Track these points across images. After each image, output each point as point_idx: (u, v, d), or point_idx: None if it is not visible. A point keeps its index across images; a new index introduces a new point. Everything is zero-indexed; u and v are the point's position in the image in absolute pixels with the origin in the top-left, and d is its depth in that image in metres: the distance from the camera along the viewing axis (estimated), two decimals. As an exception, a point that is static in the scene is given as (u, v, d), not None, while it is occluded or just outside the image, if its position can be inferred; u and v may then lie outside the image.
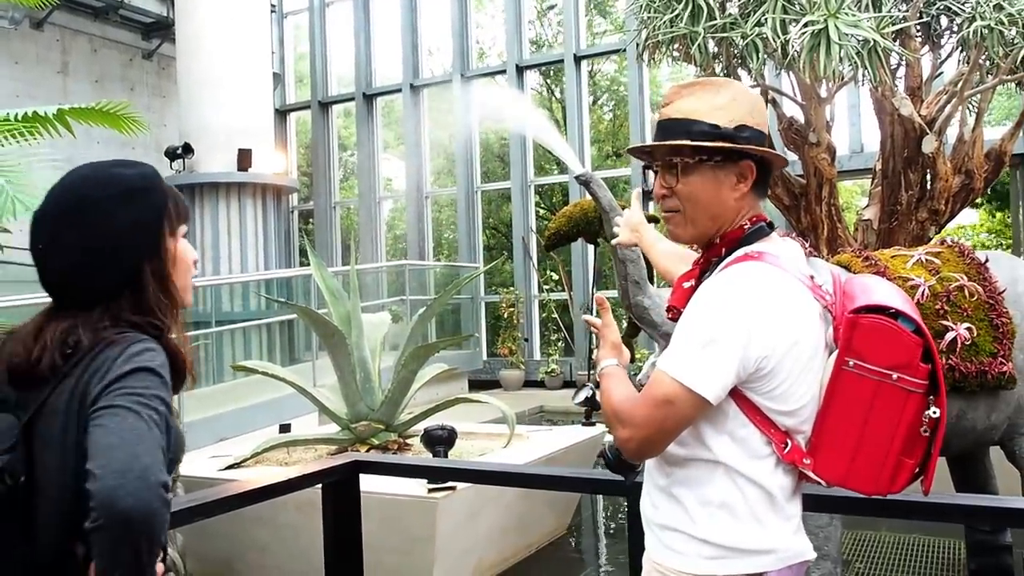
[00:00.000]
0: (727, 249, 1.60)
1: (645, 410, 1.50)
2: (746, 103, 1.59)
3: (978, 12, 6.25)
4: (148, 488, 1.18)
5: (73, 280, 1.40)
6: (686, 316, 1.54)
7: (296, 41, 17.57)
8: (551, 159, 16.59)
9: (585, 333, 13.38)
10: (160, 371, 1.33)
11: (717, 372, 1.46)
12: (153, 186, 1.46)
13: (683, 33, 6.53)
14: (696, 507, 1.55)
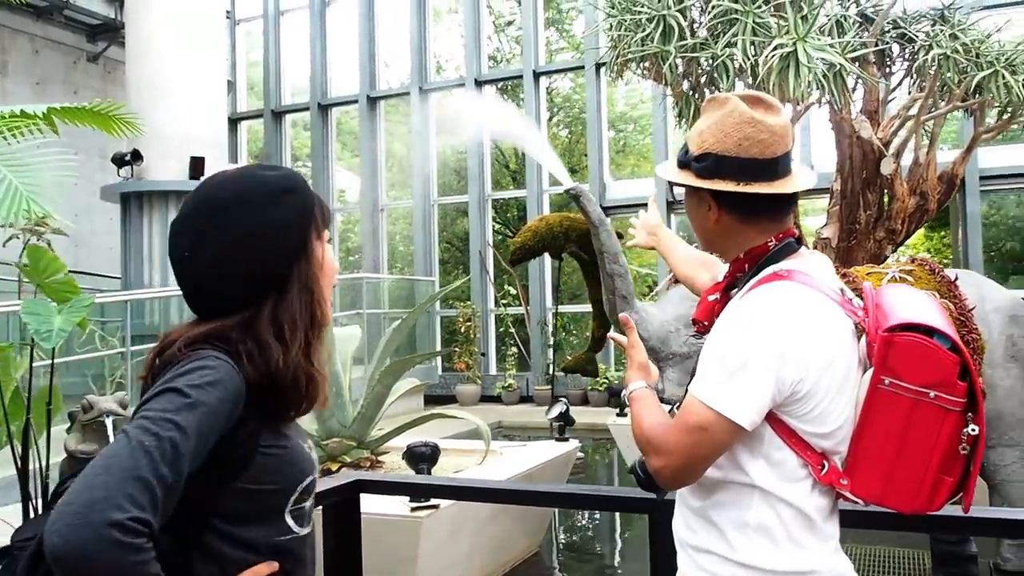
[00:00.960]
0: (750, 265, 1.60)
1: (677, 437, 1.49)
2: (725, 126, 1.57)
3: (935, 40, 6.47)
4: (84, 526, 1.01)
5: (215, 284, 1.32)
6: (715, 339, 1.54)
7: (248, 48, 17.32)
8: (508, 174, 16.63)
9: (542, 348, 13.41)
10: (188, 390, 1.17)
11: (751, 397, 1.45)
12: (302, 186, 1.40)
13: (654, 52, 6.60)
14: (733, 530, 1.54)
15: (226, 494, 1.25)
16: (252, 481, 1.27)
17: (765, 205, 1.59)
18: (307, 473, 1.36)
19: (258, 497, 1.29)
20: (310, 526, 1.40)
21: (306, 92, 16.06)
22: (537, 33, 14.21)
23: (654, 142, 13.26)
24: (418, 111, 14.75)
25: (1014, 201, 12.79)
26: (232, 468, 1.25)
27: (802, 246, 1.63)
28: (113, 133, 3.24)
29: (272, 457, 1.29)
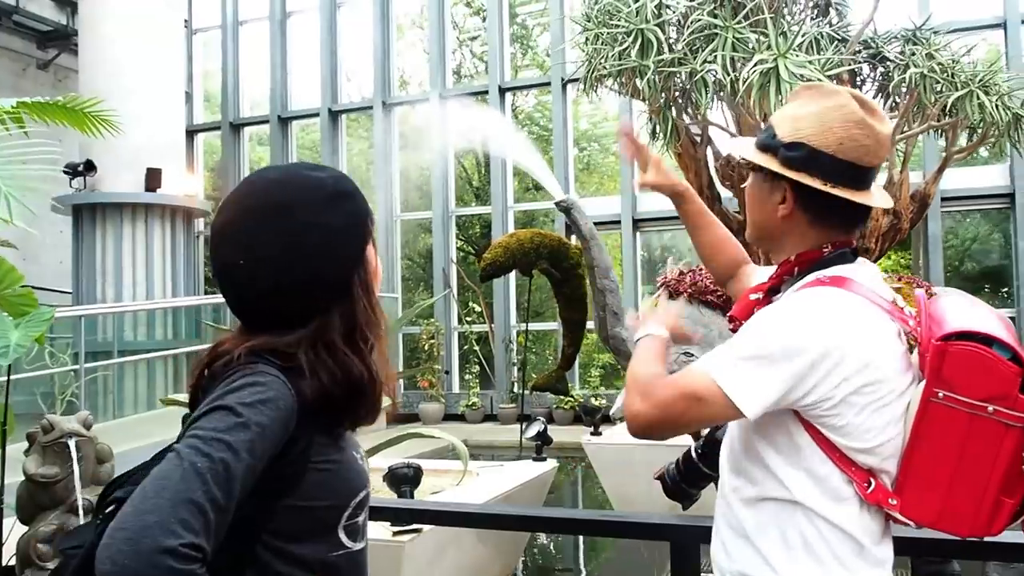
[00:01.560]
0: (800, 270, 1.50)
1: (670, 393, 1.42)
2: (829, 120, 1.45)
3: (911, 60, 6.51)
4: (136, 553, 0.98)
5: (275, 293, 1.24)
6: (747, 325, 1.46)
7: (205, 59, 16.98)
8: (471, 190, 16.50)
9: (506, 366, 13.24)
10: (241, 409, 1.11)
11: (761, 389, 1.36)
12: (356, 190, 1.33)
13: (631, 67, 6.54)
14: (776, 553, 1.43)
15: (278, 512, 1.20)
16: (304, 498, 1.22)
17: (843, 212, 1.48)
18: (360, 488, 1.31)
19: (310, 514, 1.24)
20: (364, 541, 1.35)
21: (265, 105, 15.77)
22: (503, 48, 14.15)
23: (621, 159, 13.23)
24: (381, 125, 14.56)
25: (972, 222, 13.02)
26: (283, 485, 1.20)
27: (857, 258, 1.51)
28: (87, 131, 3.02)
29: (324, 473, 1.24)
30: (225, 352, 1.22)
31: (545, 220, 14.68)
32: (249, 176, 1.32)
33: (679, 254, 14.74)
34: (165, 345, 11.30)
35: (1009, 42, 11.15)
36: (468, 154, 16.11)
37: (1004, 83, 6.61)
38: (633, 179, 13.18)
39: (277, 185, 1.28)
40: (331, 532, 1.28)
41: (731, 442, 1.57)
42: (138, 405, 10.79)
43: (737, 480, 1.52)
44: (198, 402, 1.21)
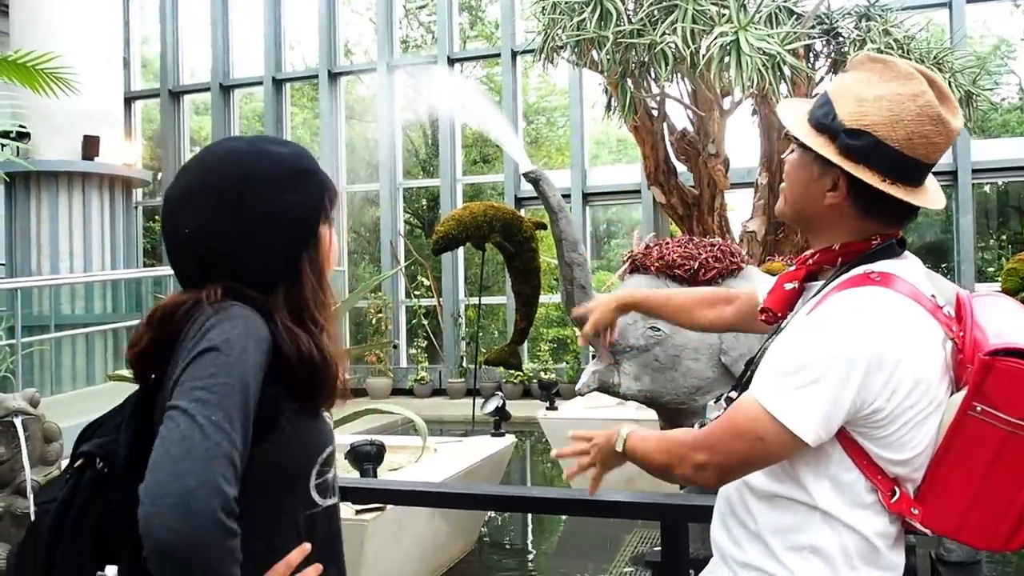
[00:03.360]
0: (844, 260, 1.40)
1: (728, 439, 1.34)
2: (901, 112, 1.31)
3: (868, 36, 6.56)
4: (190, 516, 1.01)
5: (223, 269, 1.23)
6: (792, 341, 1.35)
7: (143, 24, 16.36)
8: (418, 163, 16.28)
9: (455, 340, 13.16)
10: (225, 347, 1.12)
11: (821, 413, 1.28)
12: (316, 167, 1.34)
13: (590, 37, 6.46)
14: (787, 552, 1.39)
15: (253, 464, 1.17)
16: (275, 450, 1.23)
17: (896, 209, 1.37)
18: (326, 444, 1.32)
19: (282, 469, 1.25)
20: (335, 497, 1.37)
21: (206, 72, 15.27)
22: (451, 18, 13.91)
23: (571, 132, 13.17)
24: (327, 95, 14.23)
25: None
26: (258, 431, 1.18)
27: (904, 249, 1.43)
28: (37, 90, 2.81)
29: (293, 426, 1.25)
30: (182, 302, 1.21)
31: (493, 193, 14.57)
32: (211, 145, 1.32)
33: (625, 229, 14.81)
34: (104, 318, 10.94)
35: (954, 21, 11.36)
36: (416, 126, 15.88)
37: (956, 61, 6.72)
38: (583, 152, 13.15)
39: (236, 158, 1.27)
40: (303, 488, 1.28)
41: None
42: (77, 380, 10.45)
43: (757, 473, 1.46)
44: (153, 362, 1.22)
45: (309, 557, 1.27)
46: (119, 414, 1.29)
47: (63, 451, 3.86)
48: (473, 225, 7.44)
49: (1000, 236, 12.52)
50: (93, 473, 1.24)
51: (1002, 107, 13.19)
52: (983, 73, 7.39)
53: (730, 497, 1.51)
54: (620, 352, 4.08)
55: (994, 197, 12.94)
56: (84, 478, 1.24)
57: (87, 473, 1.24)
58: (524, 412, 8.42)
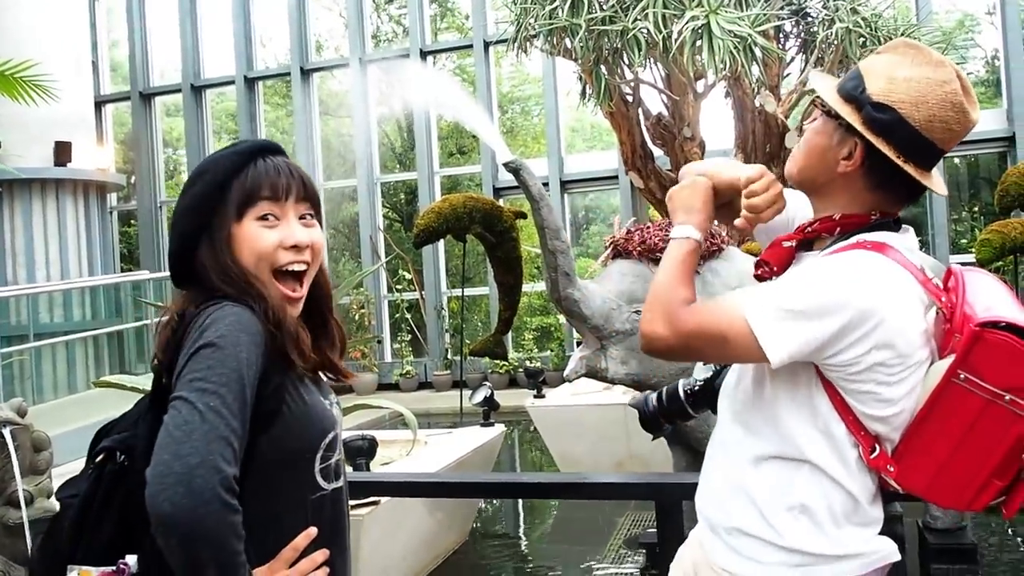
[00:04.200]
0: (842, 231, 1.47)
1: (695, 325, 1.43)
2: (927, 94, 1.38)
3: (837, 15, 6.62)
4: (191, 492, 1.09)
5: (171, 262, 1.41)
6: (792, 276, 1.44)
7: (111, 27, 16.17)
8: (394, 157, 16.23)
9: (439, 333, 13.17)
10: (220, 341, 1.22)
11: (793, 340, 1.36)
12: (212, 167, 1.41)
13: (563, 25, 6.48)
14: (776, 511, 1.45)
15: (260, 452, 1.27)
16: (279, 437, 1.30)
17: (902, 188, 1.45)
18: (329, 429, 1.38)
19: (289, 454, 1.32)
20: (341, 480, 1.43)
21: (177, 73, 15.13)
22: (422, 11, 13.86)
23: (547, 120, 13.17)
24: (300, 92, 14.15)
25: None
26: (261, 422, 1.27)
27: (899, 228, 1.49)
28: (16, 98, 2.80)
29: (296, 413, 1.32)
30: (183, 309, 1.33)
31: (471, 184, 14.56)
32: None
33: (603, 215, 14.85)
34: (84, 325, 10.85)
35: (919, -2, 11.47)
36: (391, 120, 15.82)
37: (923, 37, 6.80)
38: (559, 140, 13.15)
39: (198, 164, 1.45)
40: (309, 472, 1.35)
41: (739, 395, 1.55)
42: (58, 389, 10.37)
43: (742, 434, 1.52)
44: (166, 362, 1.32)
45: (315, 540, 1.33)
46: (135, 412, 1.39)
47: (52, 460, 3.84)
48: (453, 217, 7.46)
49: (972, 208, 12.68)
50: (114, 467, 1.31)
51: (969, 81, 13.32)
52: (950, 48, 7.49)
53: (719, 464, 1.57)
54: (607, 337, 4.11)
55: (964, 170, 13.10)
56: (105, 472, 1.31)
57: (108, 467, 1.31)
58: (511, 401, 8.45)
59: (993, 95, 12.87)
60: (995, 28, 12.36)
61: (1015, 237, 6.85)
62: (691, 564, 1.62)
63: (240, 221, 1.38)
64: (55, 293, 10.70)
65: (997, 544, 5.23)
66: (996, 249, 6.86)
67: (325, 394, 1.44)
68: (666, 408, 1.86)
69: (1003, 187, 7.44)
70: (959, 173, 13.05)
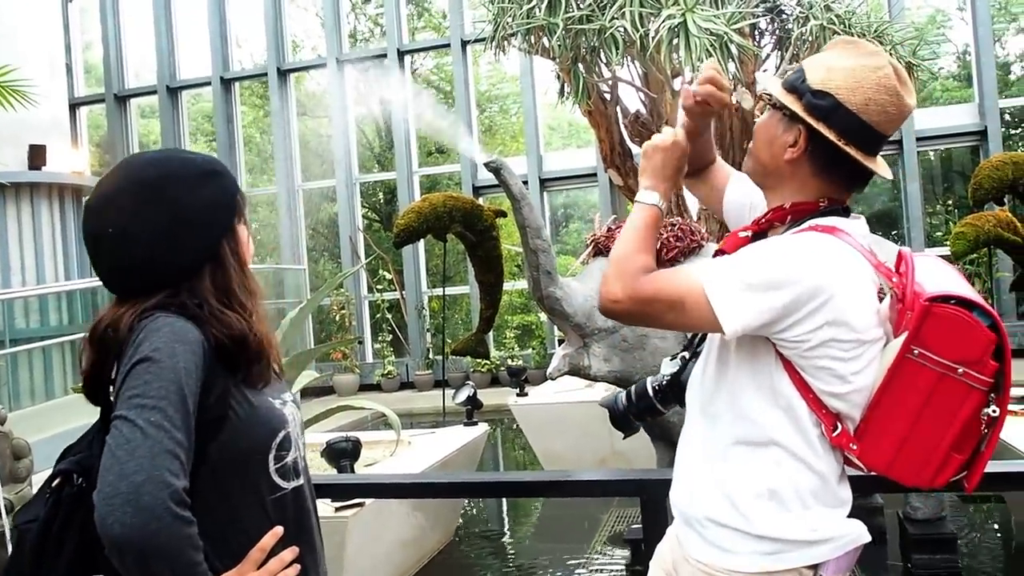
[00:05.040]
0: (793, 219, 1.52)
1: (653, 291, 1.46)
2: (862, 79, 1.46)
3: (811, 12, 6.67)
4: (140, 510, 1.09)
5: (152, 261, 1.32)
6: (745, 253, 1.47)
7: (84, 28, 16.01)
8: (373, 157, 16.18)
9: (420, 332, 13.15)
10: (158, 356, 1.20)
11: (748, 311, 1.40)
12: (225, 170, 1.44)
13: (540, 24, 6.48)
14: (745, 498, 1.48)
15: (212, 458, 1.27)
16: (228, 442, 1.29)
17: (846, 172, 1.51)
18: (278, 429, 1.36)
19: (240, 457, 1.31)
20: (300, 479, 1.41)
21: (152, 74, 15.02)
22: (399, 10, 13.83)
23: (525, 119, 13.18)
24: (277, 93, 14.08)
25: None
26: (209, 429, 1.26)
27: (848, 216, 1.54)
28: (-8, 104, 2.76)
29: (241, 418, 1.31)
30: (115, 321, 1.28)
31: (450, 183, 14.55)
32: (128, 156, 1.43)
33: (581, 213, 14.89)
34: (61, 331, 10.73)
35: (892, -6, 11.59)
36: (369, 120, 15.78)
37: (896, 33, 6.87)
38: (538, 138, 13.17)
39: (151, 165, 1.37)
40: (264, 472, 1.33)
41: (704, 384, 1.58)
42: (35, 395, 10.26)
43: (709, 425, 1.55)
44: (101, 379, 1.30)
45: (282, 539, 1.33)
46: (90, 433, 1.36)
47: (33, 467, 3.82)
48: (433, 216, 7.47)
49: (946, 201, 12.82)
50: (71, 489, 1.30)
51: (941, 75, 13.49)
52: (922, 43, 7.57)
53: (688, 457, 1.59)
54: (590, 335, 4.13)
55: (938, 164, 13.25)
56: (63, 495, 1.30)
57: (65, 490, 1.30)
58: (493, 400, 8.47)
59: (965, 89, 13.03)
60: (966, 24, 12.52)
61: (989, 230, 6.93)
62: (670, 560, 1.64)
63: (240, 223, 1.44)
64: (31, 298, 10.58)
65: (976, 533, 5.31)
66: (971, 242, 6.95)
67: (277, 393, 1.43)
68: (635, 406, 1.86)
69: (976, 181, 7.53)
70: (932, 167, 13.20)
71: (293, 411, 1.44)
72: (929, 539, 4.53)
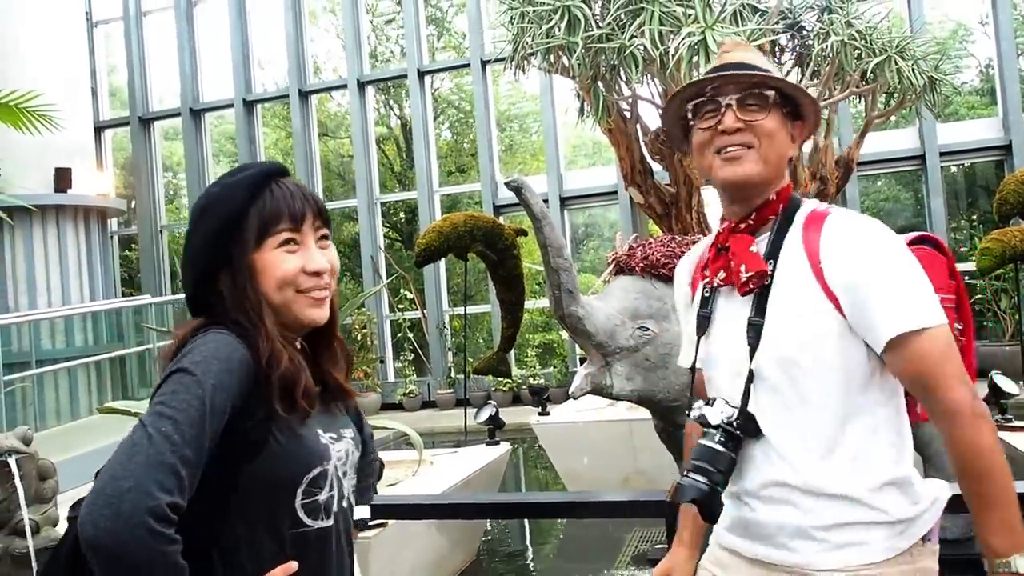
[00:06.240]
0: (784, 204, 1.56)
1: (954, 363, 1.40)
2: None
3: (832, 29, 6.65)
4: (116, 515, 1.06)
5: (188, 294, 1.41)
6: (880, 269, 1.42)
7: (109, 52, 16.27)
8: (394, 176, 16.28)
9: (441, 351, 13.15)
10: (192, 367, 1.21)
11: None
12: (223, 199, 1.39)
13: (560, 44, 6.51)
14: (866, 487, 1.45)
15: (240, 480, 1.26)
16: (262, 467, 1.27)
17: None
18: (313, 464, 1.34)
19: (269, 485, 1.29)
20: (330, 521, 1.37)
21: (176, 97, 15.21)
22: (419, 31, 13.94)
23: (545, 137, 13.21)
24: (298, 114, 14.21)
25: (885, 184, 13.48)
26: (245, 451, 1.26)
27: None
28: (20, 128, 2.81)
29: (281, 445, 1.29)
30: (177, 334, 1.34)
31: (470, 202, 14.59)
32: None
33: (601, 231, 14.87)
34: (86, 351, 10.85)
35: (913, 8, 11.53)
36: (390, 139, 15.88)
37: (917, 48, 6.84)
38: (558, 157, 13.19)
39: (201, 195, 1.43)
40: (289, 507, 1.31)
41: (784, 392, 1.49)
42: (61, 415, 10.36)
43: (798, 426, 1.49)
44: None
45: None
46: None
47: (58, 488, 3.84)
48: (454, 236, 7.49)
49: (971, 216, 12.70)
50: None
51: (964, 90, 13.40)
52: (944, 58, 7.53)
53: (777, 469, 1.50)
54: (611, 354, 4.10)
55: (962, 179, 13.13)
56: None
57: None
58: (515, 419, 8.44)
59: (988, 104, 12.92)
60: (988, 37, 12.43)
61: (1015, 245, 6.85)
62: None
63: (259, 249, 1.37)
64: (57, 319, 10.71)
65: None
66: (996, 257, 6.87)
67: (333, 427, 1.41)
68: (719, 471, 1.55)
69: (1001, 195, 7.45)
70: (956, 182, 13.09)
71: (345, 449, 1.42)
72: (959, 560, 4.44)
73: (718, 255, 1.60)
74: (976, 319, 11.60)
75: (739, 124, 1.52)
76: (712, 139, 1.55)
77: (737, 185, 1.55)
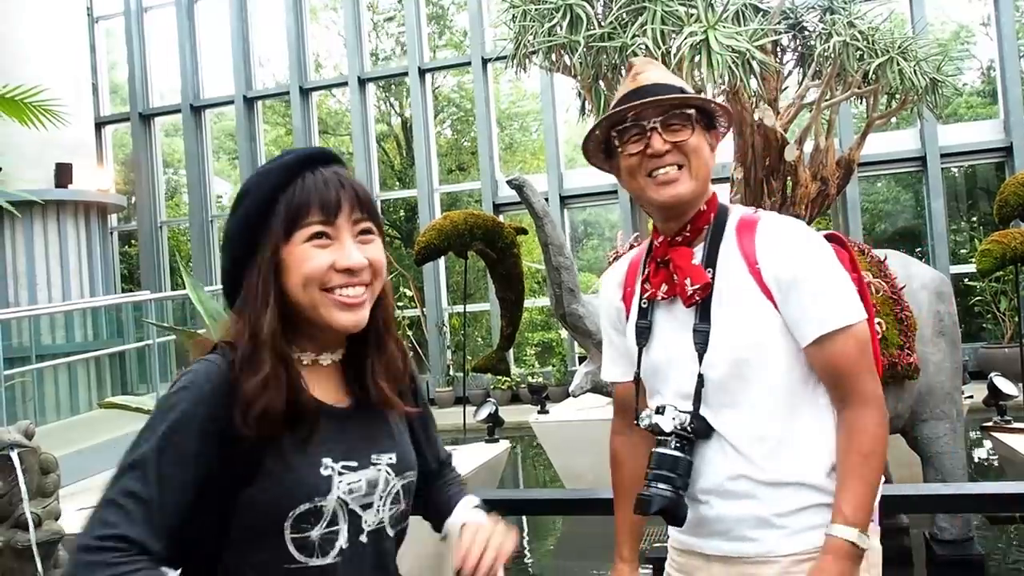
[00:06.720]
0: (715, 215, 1.61)
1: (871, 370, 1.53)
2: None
3: (834, 29, 6.65)
4: (70, 561, 1.13)
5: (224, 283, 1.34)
6: (809, 268, 1.51)
7: (109, 48, 16.27)
8: (394, 174, 16.28)
9: (440, 349, 13.16)
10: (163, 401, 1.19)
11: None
12: (257, 184, 1.28)
13: (561, 43, 6.50)
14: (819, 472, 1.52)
15: (241, 504, 1.20)
16: (259, 493, 1.19)
17: None
18: (299, 500, 1.20)
19: (259, 514, 1.20)
20: (333, 559, 1.23)
21: (176, 94, 15.21)
22: (420, 29, 13.94)
23: (545, 136, 13.22)
24: (299, 111, 14.21)
25: (885, 185, 13.49)
26: (244, 473, 1.19)
27: None
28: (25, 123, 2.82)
29: (270, 475, 1.20)
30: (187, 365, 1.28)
31: (470, 200, 14.60)
32: None
33: (600, 229, 14.88)
34: (86, 346, 10.85)
35: (915, 10, 11.54)
36: (390, 137, 15.89)
37: (920, 49, 6.83)
38: (559, 156, 13.19)
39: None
40: (278, 540, 1.19)
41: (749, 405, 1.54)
42: (61, 410, 10.36)
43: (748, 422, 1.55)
44: None
45: None
46: None
47: (60, 482, 3.84)
48: (454, 234, 7.48)
49: (971, 218, 12.71)
50: None
51: (965, 92, 13.41)
52: (946, 59, 7.52)
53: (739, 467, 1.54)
54: (610, 352, 4.12)
55: (962, 180, 13.14)
56: None
57: None
58: (514, 417, 8.44)
59: (990, 105, 12.94)
60: (990, 39, 12.44)
61: (1015, 247, 6.85)
62: None
63: (288, 242, 1.24)
64: (57, 314, 10.71)
65: (1003, 555, 5.22)
66: (997, 260, 6.87)
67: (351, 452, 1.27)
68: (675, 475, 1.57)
69: (1002, 197, 7.45)
70: (957, 184, 13.10)
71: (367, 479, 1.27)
72: (956, 560, 4.46)
73: (659, 269, 1.63)
74: (976, 321, 11.61)
75: (667, 146, 1.56)
76: (642, 163, 1.58)
77: (673, 206, 1.59)
